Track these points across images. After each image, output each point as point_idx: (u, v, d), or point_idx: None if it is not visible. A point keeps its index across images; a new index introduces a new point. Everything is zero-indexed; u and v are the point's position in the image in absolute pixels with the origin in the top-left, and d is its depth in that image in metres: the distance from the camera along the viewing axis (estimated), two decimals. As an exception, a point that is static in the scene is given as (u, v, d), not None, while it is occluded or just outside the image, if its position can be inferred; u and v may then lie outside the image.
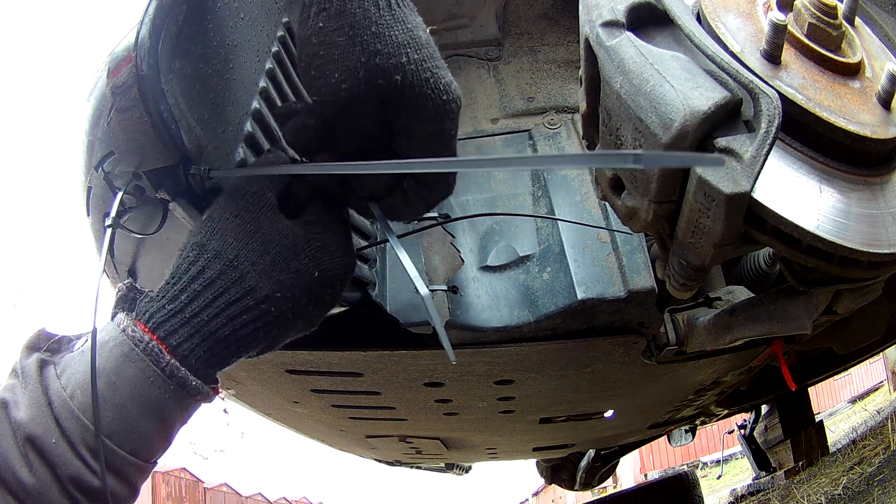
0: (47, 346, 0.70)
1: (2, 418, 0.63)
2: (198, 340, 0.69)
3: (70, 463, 0.62)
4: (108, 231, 0.85)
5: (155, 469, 0.76)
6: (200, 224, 0.76)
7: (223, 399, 0.75)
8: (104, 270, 1.13)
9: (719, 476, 8.31)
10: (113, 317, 0.71)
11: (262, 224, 0.74)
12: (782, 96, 0.85)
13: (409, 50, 0.72)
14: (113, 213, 0.87)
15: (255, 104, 1.17)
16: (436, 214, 1.60)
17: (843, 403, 9.69)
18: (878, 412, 4.90)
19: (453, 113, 0.76)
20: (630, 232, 1.29)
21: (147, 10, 0.87)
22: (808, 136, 0.89)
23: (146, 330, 0.68)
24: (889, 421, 3.37)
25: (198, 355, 0.70)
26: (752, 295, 1.50)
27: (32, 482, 0.61)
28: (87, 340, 0.68)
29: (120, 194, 0.89)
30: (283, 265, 0.73)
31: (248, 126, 1.12)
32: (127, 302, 0.71)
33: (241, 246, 0.72)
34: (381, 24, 0.71)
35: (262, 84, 1.22)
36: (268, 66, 1.27)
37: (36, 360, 0.68)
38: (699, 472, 8.01)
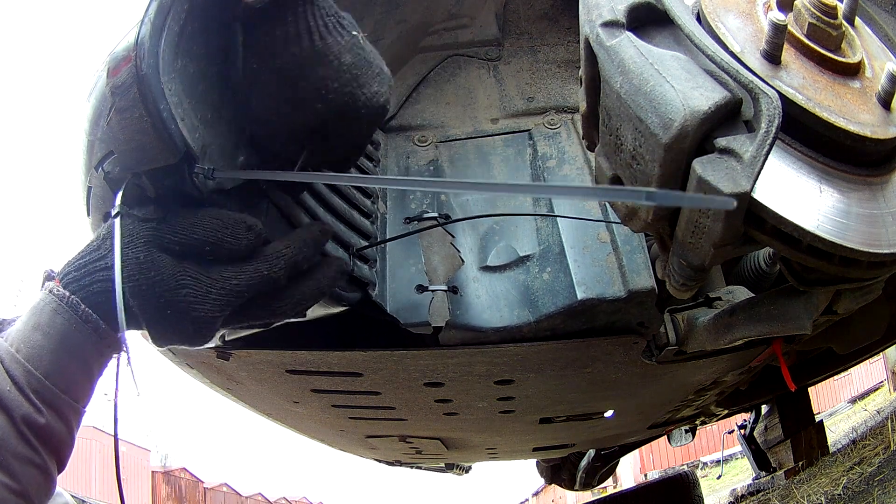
0: None
1: None
2: (96, 301, 0.83)
3: (20, 404, 0.75)
4: (116, 221, 0.86)
5: (155, 469, 0.85)
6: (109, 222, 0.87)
7: (127, 351, 0.85)
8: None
9: (719, 476, 8.31)
10: (42, 286, 0.84)
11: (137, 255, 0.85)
12: (782, 96, 0.85)
13: None
14: (117, 204, 0.87)
15: None
16: (435, 215, 1.60)
17: (843, 403, 9.69)
18: (878, 412, 4.90)
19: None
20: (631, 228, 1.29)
21: (147, 9, 0.87)
22: (808, 136, 0.89)
23: (64, 289, 0.82)
24: (889, 421, 3.37)
25: (102, 311, 0.83)
26: (752, 295, 1.50)
27: None
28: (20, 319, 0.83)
29: (121, 191, 0.89)
30: (145, 292, 0.83)
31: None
32: (48, 280, 0.85)
33: (124, 259, 0.84)
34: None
35: None
36: None
37: None
38: (699, 472, 8.02)
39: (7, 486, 0.73)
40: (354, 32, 0.97)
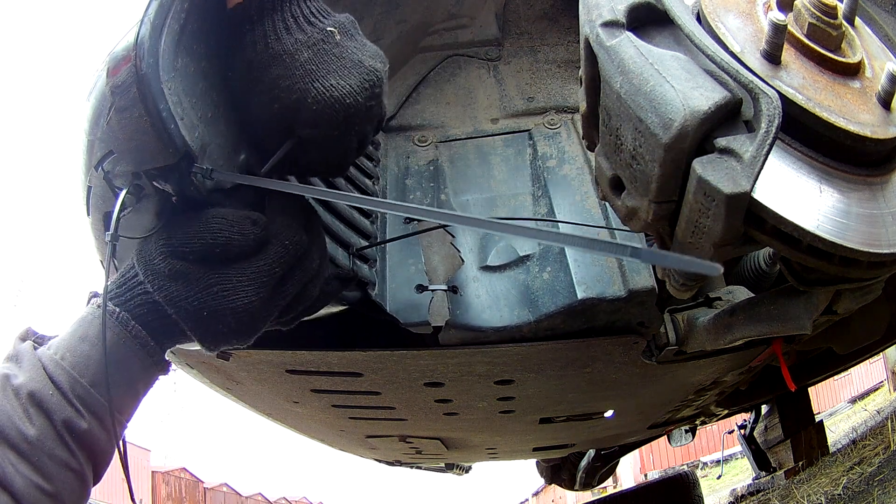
0: (35, 338, 0.85)
1: (5, 386, 0.77)
2: (143, 319, 0.86)
3: (63, 408, 0.76)
4: (110, 246, 0.87)
5: (155, 469, 0.86)
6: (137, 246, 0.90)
7: (174, 371, 0.88)
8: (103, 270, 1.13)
9: (719, 476, 8.31)
10: (88, 302, 0.87)
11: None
12: (782, 96, 0.84)
13: None
14: (112, 228, 0.88)
15: None
16: (436, 214, 1.60)
17: (843, 403, 9.69)
18: (878, 412, 4.90)
19: None
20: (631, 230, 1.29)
21: (147, 9, 0.87)
22: (808, 136, 0.89)
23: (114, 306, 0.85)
24: (889, 421, 3.37)
25: (149, 329, 0.86)
26: (752, 295, 1.50)
27: (33, 433, 0.74)
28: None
29: (119, 201, 0.89)
30: (179, 300, 0.86)
31: None
32: (97, 294, 0.87)
33: (152, 274, 0.87)
34: None
35: None
36: None
37: (30, 344, 0.83)
38: (699, 472, 8.02)
39: (40, 488, 0.73)
40: (330, 28, 0.96)
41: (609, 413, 2.30)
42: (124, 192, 0.90)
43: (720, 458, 9.66)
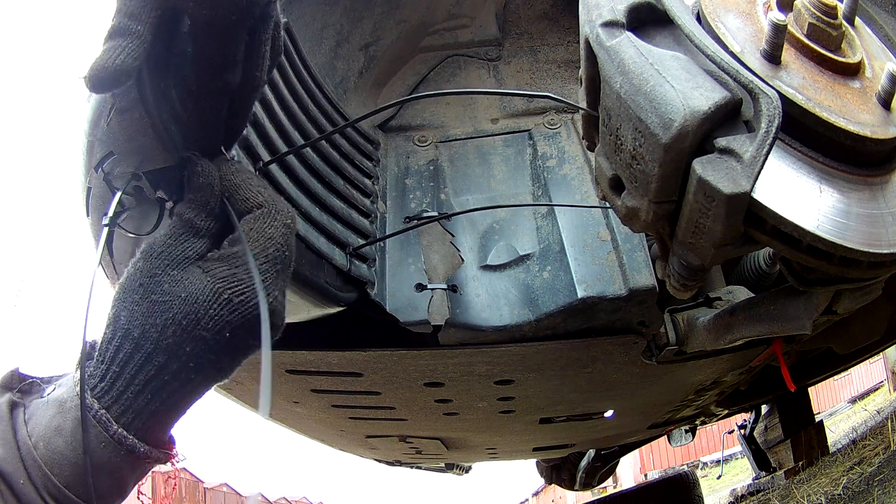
0: (19, 388, 0.74)
1: None
2: (132, 415, 0.71)
3: (35, 500, 0.67)
4: (105, 230, 0.84)
5: (155, 469, 0.77)
6: (115, 293, 0.74)
7: (180, 458, 0.75)
8: (104, 271, 1.13)
9: (719, 476, 8.31)
10: (76, 370, 0.72)
11: (163, 292, 0.72)
12: (782, 96, 0.84)
13: None
14: (110, 213, 0.86)
15: None
16: (435, 213, 1.60)
17: (843, 403, 9.69)
18: (878, 412, 4.90)
19: None
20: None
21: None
22: (808, 136, 0.89)
23: (93, 398, 0.70)
24: (889, 421, 3.37)
25: (137, 426, 0.71)
26: (752, 295, 1.50)
27: None
28: (55, 388, 0.72)
29: (118, 194, 0.89)
30: (187, 334, 0.71)
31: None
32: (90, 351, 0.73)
33: (144, 321, 0.71)
34: None
35: None
36: None
37: (7, 402, 0.72)
38: (699, 472, 8.02)
39: None
40: None
41: (609, 413, 2.30)
42: (120, 192, 0.89)
43: (720, 458, 9.66)
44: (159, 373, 0.70)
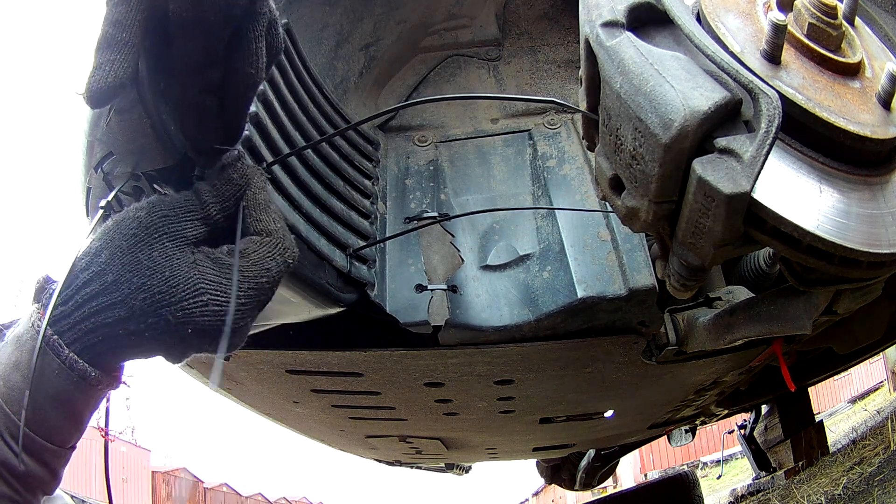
0: None
1: None
2: (81, 346, 0.72)
3: None
4: (100, 212, 0.83)
5: (155, 469, 0.78)
6: (105, 225, 0.75)
7: (127, 385, 0.76)
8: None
9: (719, 476, 8.32)
10: (31, 306, 0.73)
11: (150, 258, 0.73)
12: (782, 96, 0.84)
13: None
14: (109, 198, 0.86)
15: (252, 107, 1.17)
16: (435, 214, 1.60)
17: (843, 403, 9.69)
18: (878, 412, 4.90)
19: None
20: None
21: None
22: (808, 136, 0.89)
23: (51, 325, 0.71)
24: (889, 421, 3.37)
25: (89, 354, 0.72)
26: (752, 295, 1.50)
27: None
28: (13, 330, 0.73)
29: (115, 191, 0.89)
30: (155, 308, 0.72)
31: (246, 129, 1.12)
32: (42, 294, 0.74)
33: (122, 272, 0.71)
34: None
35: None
36: None
37: None
38: (699, 472, 8.02)
39: None
40: None
41: (609, 413, 2.30)
42: (119, 187, 0.89)
43: (720, 458, 9.67)
44: (116, 323, 0.71)
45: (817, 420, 3.77)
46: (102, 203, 0.84)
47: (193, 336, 0.73)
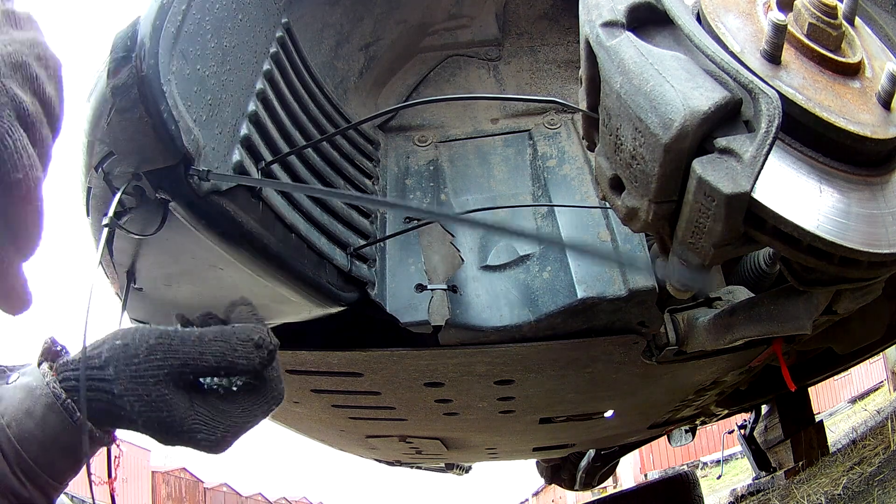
0: None
1: None
2: (91, 413, 0.83)
3: (8, 477, 0.79)
4: (105, 231, 0.85)
5: (155, 469, 0.87)
6: (124, 333, 0.85)
7: (118, 444, 0.92)
8: (104, 270, 1.13)
9: (719, 476, 8.31)
10: (39, 364, 0.85)
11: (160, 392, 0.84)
12: (782, 96, 0.85)
13: None
14: (110, 213, 0.87)
15: (251, 106, 1.17)
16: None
17: (843, 403, 9.69)
18: (878, 412, 4.90)
19: None
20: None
21: (147, 10, 0.87)
22: (808, 136, 0.89)
23: (62, 385, 0.83)
24: (889, 421, 3.37)
25: (94, 420, 0.84)
26: (752, 295, 1.50)
27: None
28: (19, 376, 0.84)
29: (118, 194, 0.89)
30: (154, 427, 0.84)
31: (245, 128, 1.12)
32: (50, 355, 0.86)
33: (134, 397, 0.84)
34: None
35: (259, 86, 1.22)
36: (265, 67, 1.27)
37: None
38: (699, 472, 8.01)
39: None
40: None
41: (609, 413, 2.30)
42: (122, 189, 0.89)
43: (720, 458, 9.66)
44: (118, 419, 0.84)
45: (817, 420, 3.77)
46: (105, 221, 0.86)
47: (183, 445, 0.87)
